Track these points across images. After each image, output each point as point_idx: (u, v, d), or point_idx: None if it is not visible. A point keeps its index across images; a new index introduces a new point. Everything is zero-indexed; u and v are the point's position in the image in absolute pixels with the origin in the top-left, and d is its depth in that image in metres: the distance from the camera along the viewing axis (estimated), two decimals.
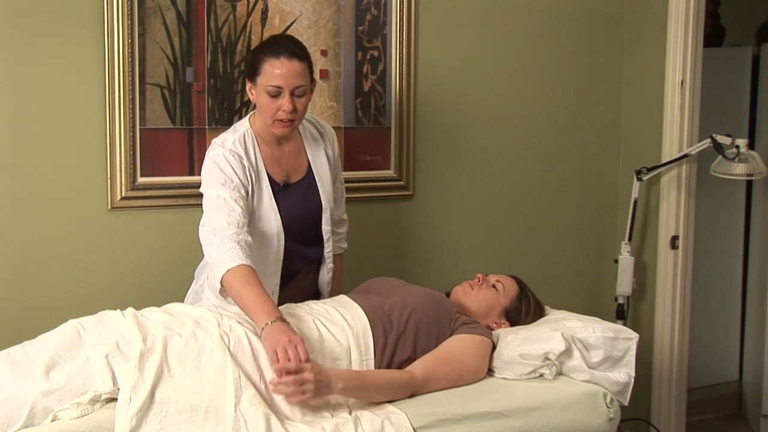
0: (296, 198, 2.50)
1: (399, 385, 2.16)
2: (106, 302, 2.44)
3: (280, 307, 2.31)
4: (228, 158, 2.36)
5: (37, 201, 2.67)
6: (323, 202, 2.53)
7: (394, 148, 3.16)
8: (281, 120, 2.34)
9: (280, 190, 2.46)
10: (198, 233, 2.35)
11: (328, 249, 2.58)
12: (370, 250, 3.10)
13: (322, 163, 2.56)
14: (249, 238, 2.29)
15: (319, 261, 2.62)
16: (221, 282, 2.20)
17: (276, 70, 2.30)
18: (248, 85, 2.40)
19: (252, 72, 2.37)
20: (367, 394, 2.10)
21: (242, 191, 2.35)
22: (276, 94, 2.32)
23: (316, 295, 2.64)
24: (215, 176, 2.35)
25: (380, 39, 3.09)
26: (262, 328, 2.07)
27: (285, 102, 2.31)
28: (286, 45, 2.35)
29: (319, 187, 2.53)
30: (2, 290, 2.66)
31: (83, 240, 2.74)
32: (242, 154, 2.39)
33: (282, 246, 2.46)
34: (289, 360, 1.98)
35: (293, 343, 2.01)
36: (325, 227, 2.55)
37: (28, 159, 2.65)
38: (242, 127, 2.47)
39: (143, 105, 2.76)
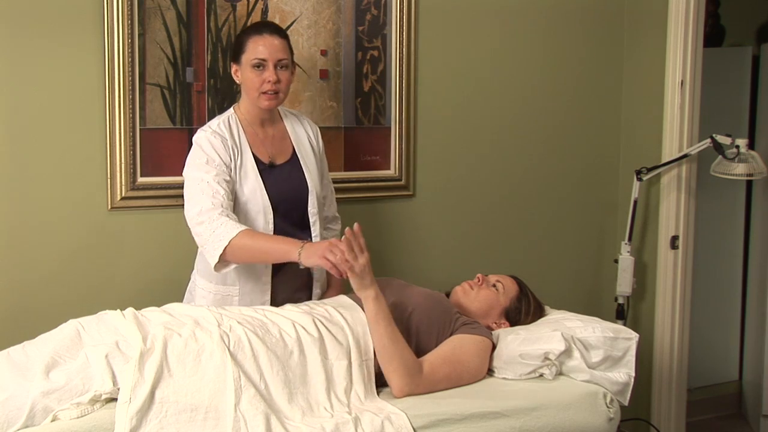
0: (282, 178, 2.54)
1: (409, 356, 2.19)
2: (106, 302, 2.44)
3: (278, 307, 2.32)
4: (210, 139, 2.46)
5: (37, 201, 2.67)
6: (309, 184, 2.58)
7: (394, 148, 3.16)
8: (266, 93, 2.46)
9: (265, 168, 2.52)
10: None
11: (315, 233, 2.57)
12: (370, 250, 3.08)
13: (305, 148, 2.63)
14: (235, 217, 2.35)
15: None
16: (225, 255, 2.28)
17: (260, 46, 2.45)
18: (233, 68, 2.53)
19: (236, 52, 2.50)
20: (383, 331, 2.19)
21: (224, 171, 2.42)
22: (260, 65, 2.45)
23: (310, 282, 2.62)
24: (198, 157, 2.44)
25: (380, 39, 3.09)
26: (299, 260, 2.23)
27: (269, 73, 2.44)
28: (270, 24, 2.55)
29: (304, 169, 2.58)
30: (2, 290, 2.66)
31: (83, 240, 2.74)
32: (226, 135, 2.48)
33: (271, 224, 2.49)
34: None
35: (335, 244, 2.17)
36: (312, 209, 2.58)
37: (28, 159, 2.65)
38: (227, 113, 2.57)
39: (143, 105, 2.76)
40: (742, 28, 4.21)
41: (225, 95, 2.87)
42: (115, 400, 1.94)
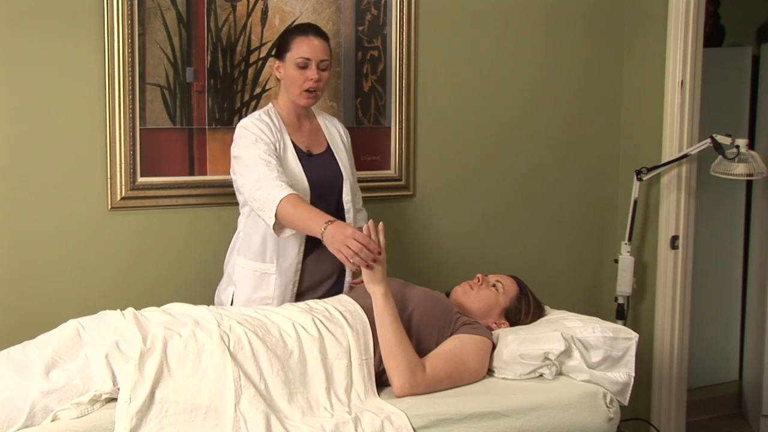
0: (319, 165, 2.66)
1: (412, 354, 2.20)
2: (106, 302, 2.45)
3: (278, 307, 2.32)
4: (256, 122, 2.59)
5: (37, 201, 2.67)
6: (343, 173, 2.69)
7: (394, 148, 3.16)
8: (308, 90, 2.59)
9: (304, 156, 2.64)
10: (198, 234, 2.35)
11: (348, 219, 2.68)
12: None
13: (338, 143, 2.75)
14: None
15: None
16: (278, 217, 2.38)
17: (304, 46, 2.58)
18: (276, 63, 2.65)
19: (281, 50, 2.63)
20: (388, 327, 2.21)
21: (273, 149, 2.54)
22: (304, 65, 2.58)
23: (343, 267, 2.64)
24: (246, 138, 2.55)
25: (380, 39, 3.09)
26: (321, 237, 2.29)
27: (312, 72, 2.58)
28: (314, 26, 2.66)
29: (338, 160, 2.70)
30: (2, 290, 2.66)
31: (83, 240, 2.74)
32: (268, 121, 2.61)
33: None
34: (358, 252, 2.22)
35: (352, 237, 2.21)
36: (346, 197, 2.68)
37: (29, 159, 2.65)
38: (265, 108, 2.69)
39: (143, 105, 2.76)
40: (742, 28, 4.21)
41: (225, 95, 2.87)
42: (115, 400, 1.94)
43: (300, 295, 2.61)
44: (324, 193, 2.64)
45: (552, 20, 3.41)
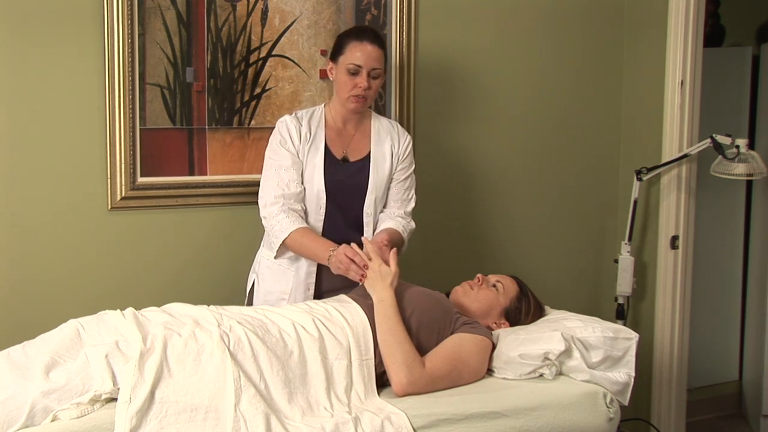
0: (347, 173, 2.67)
1: (410, 351, 2.20)
2: (106, 302, 2.44)
3: (278, 307, 2.33)
4: (287, 122, 2.65)
5: (37, 201, 2.67)
6: (370, 185, 2.68)
7: None
8: (356, 96, 2.59)
9: (335, 162, 2.66)
10: (198, 234, 2.37)
11: (367, 233, 2.68)
12: None
13: (383, 152, 2.72)
14: (298, 206, 2.59)
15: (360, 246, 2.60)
16: (281, 247, 2.56)
17: (357, 52, 2.57)
18: (329, 65, 2.66)
19: (336, 52, 2.63)
20: (384, 327, 2.24)
21: (295, 152, 2.61)
22: (355, 72, 2.57)
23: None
24: (275, 139, 2.65)
25: None
26: (329, 264, 2.47)
27: (362, 80, 2.57)
28: (370, 32, 2.64)
29: (371, 170, 2.68)
30: (2, 290, 2.66)
31: (83, 240, 2.74)
32: (303, 121, 2.65)
33: (322, 210, 2.62)
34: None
35: (341, 253, 2.41)
36: (367, 209, 2.67)
37: (29, 159, 2.65)
38: (318, 106, 2.74)
39: (143, 105, 2.76)
40: (742, 28, 4.21)
41: (225, 95, 2.87)
42: (115, 400, 1.94)
43: (319, 298, 2.61)
44: (344, 203, 2.65)
45: (552, 20, 3.41)
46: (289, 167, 2.60)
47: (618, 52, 3.56)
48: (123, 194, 2.76)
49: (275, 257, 2.62)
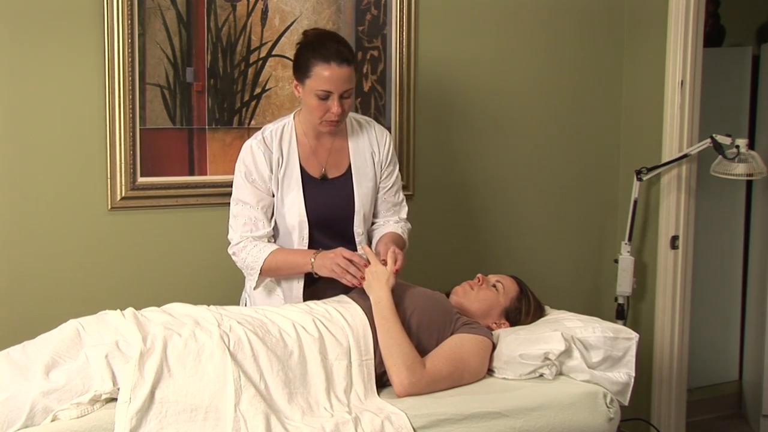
0: (329, 194, 2.52)
1: (410, 351, 2.20)
2: (106, 302, 2.44)
3: (278, 307, 2.33)
4: (254, 150, 2.47)
5: (37, 201, 2.67)
6: (356, 204, 2.53)
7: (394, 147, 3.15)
8: (329, 121, 2.41)
9: (313, 182, 2.50)
10: (198, 234, 2.37)
11: (360, 252, 2.50)
12: None
13: (363, 162, 2.55)
14: (263, 231, 2.46)
15: None
16: (260, 276, 2.45)
17: (326, 74, 2.34)
18: (294, 82, 2.44)
19: (300, 73, 2.40)
20: (382, 329, 2.23)
21: (262, 185, 2.47)
22: (325, 97, 2.36)
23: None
24: (239, 168, 2.49)
25: (380, 39, 3.09)
26: (313, 271, 2.39)
27: (334, 105, 2.37)
28: (335, 48, 2.36)
29: (354, 187, 2.53)
30: (2, 290, 2.66)
31: (83, 240, 2.74)
32: (273, 145, 2.47)
33: (306, 239, 2.49)
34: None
35: (339, 255, 2.33)
36: (357, 228, 2.55)
37: (29, 159, 2.65)
38: (285, 119, 2.55)
39: (143, 105, 2.76)
40: (742, 28, 4.21)
41: (225, 95, 2.87)
42: (115, 400, 1.94)
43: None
44: (329, 225, 2.51)
45: (552, 20, 3.41)
46: (254, 206, 2.46)
47: (618, 52, 3.56)
48: (123, 194, 2.76)
49: (254, 288, 2.50)
